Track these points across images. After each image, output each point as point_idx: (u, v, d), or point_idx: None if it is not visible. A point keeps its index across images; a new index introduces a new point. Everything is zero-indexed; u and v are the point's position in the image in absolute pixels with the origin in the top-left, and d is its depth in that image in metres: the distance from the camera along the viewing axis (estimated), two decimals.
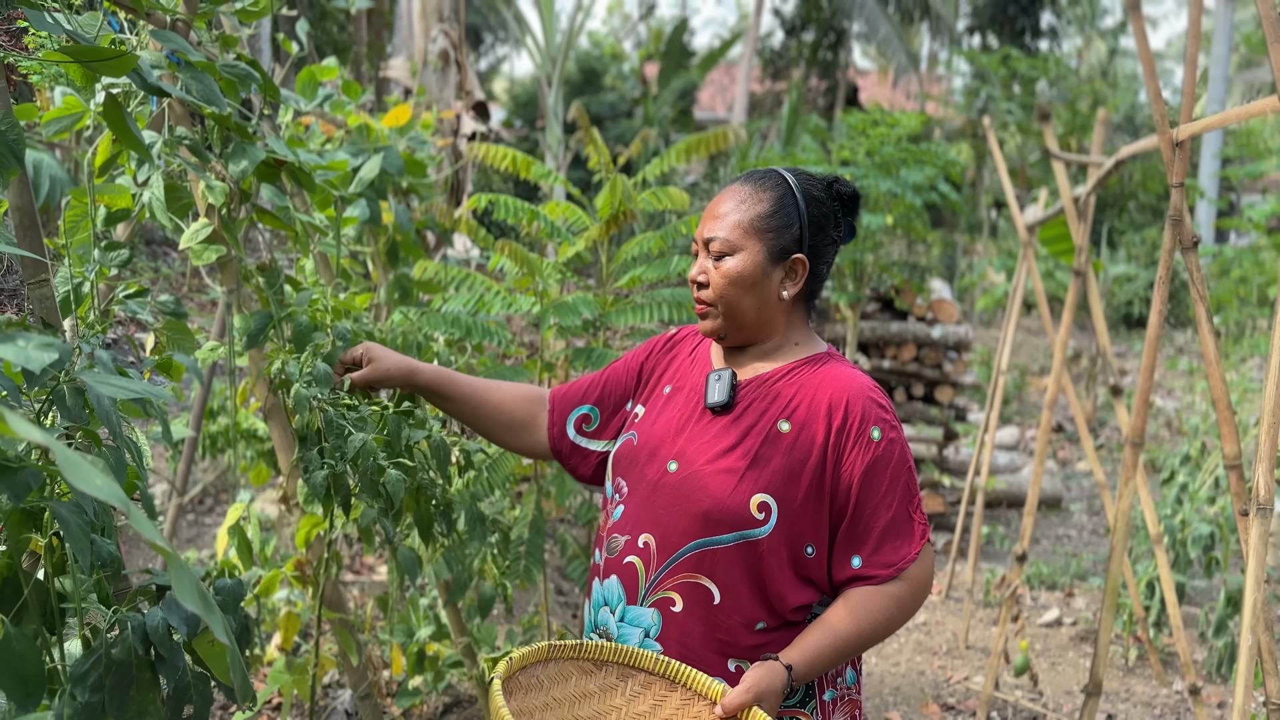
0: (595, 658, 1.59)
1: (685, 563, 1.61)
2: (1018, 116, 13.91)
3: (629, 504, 1.70)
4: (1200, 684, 3.65)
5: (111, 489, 0.93)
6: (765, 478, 1.60)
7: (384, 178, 2.79)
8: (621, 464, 1.75)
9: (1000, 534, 5.68)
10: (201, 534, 4.92)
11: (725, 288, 1.65)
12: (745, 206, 1.66)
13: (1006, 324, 4.55)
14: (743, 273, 1.64)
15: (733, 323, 1.68)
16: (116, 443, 1.48)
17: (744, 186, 1.69)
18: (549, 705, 1.57)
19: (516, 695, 1.55)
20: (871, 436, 1.60)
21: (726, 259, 1.65)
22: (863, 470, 1.59)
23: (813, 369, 1.68)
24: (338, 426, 2.04)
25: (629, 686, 1.59)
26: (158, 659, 1.44)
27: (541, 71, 13.37)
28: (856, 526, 1.60)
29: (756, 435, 1.63)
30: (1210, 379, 2.07)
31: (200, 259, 2.19)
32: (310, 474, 2.03)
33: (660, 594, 1.63)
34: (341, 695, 3.28)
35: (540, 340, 3.14)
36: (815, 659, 1.57)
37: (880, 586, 1.60)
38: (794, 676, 1.55)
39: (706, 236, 1.68)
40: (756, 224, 1.65)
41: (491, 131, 5.15)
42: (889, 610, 1.59)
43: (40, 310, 1.60)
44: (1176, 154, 2.11)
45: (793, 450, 1.61)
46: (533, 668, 1.57)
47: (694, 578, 1.61)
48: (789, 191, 1.67)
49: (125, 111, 1.69)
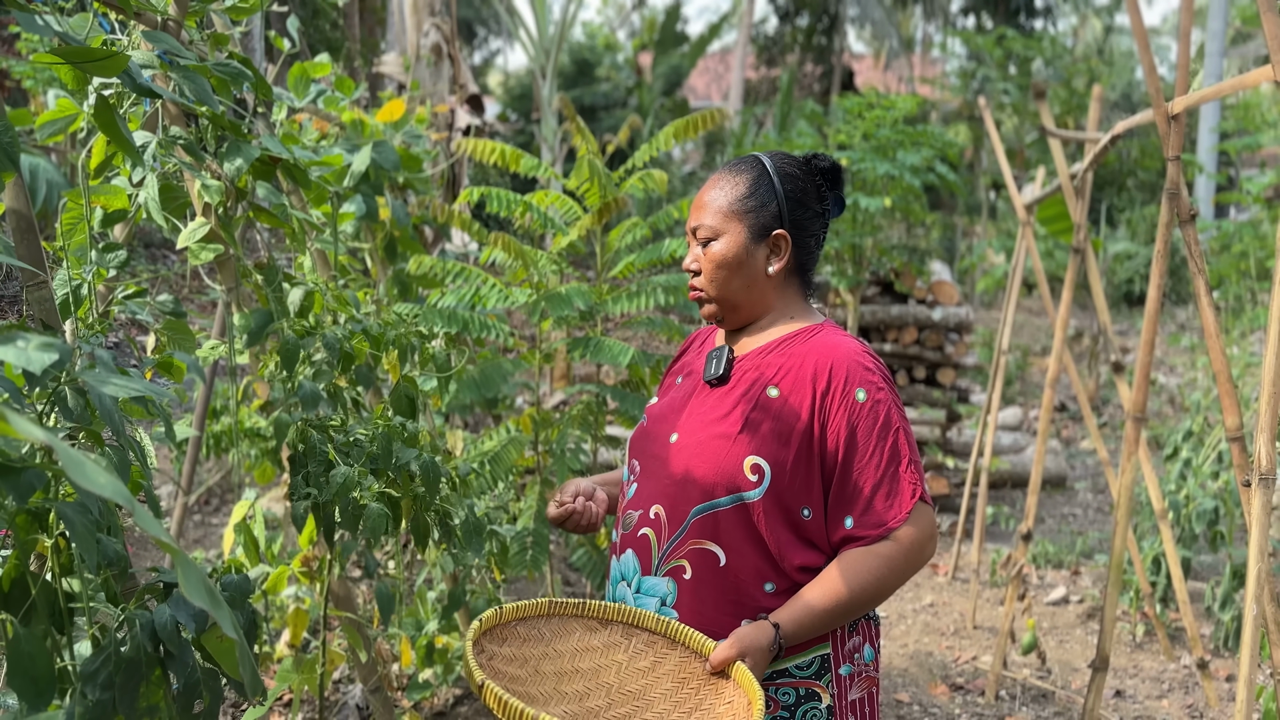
0: (600, 616, 1.65)
1: (692, 529, 1.66)
2: (1014, 97, 13.87)
3: (641, 480, 1.76)
4: (1208, 658, 3.66)
5: (115, 487, 0.93)
6: (756, 441, 1.64)
7: (380, 173, 2.79)
8: (635, 445, 1.82)
9: (1006, 514, 5.68)
10: (208, 534, 4.93)
11: (714, 272, 1.73)
12: (724, 192, 1.74)
13: (1006, 304, 4.55)
14: (727, 255, 1.72)
15: (727, 304, 1.75)
16: (119, 442, 1.49)
17: (723, 174, 1.78)
18: (548, 656, 1.62)
19: (512, 643, 1.59)
20: (856, 398, 1.63)
21: (712, 244, 1.73)
22: (848, 431, 1.62)
23: (805, 339, 1.72)
24: (320, 453, 2.05)
25: (632, 644, 1.63)
26: (167, 656, 1.45)
27: (535, 64, 13.33)
28: (845, 487, 1.63)
29: (748, 401, 1.68)
30: (1210, 352, 2.07)
31: (198, 258, 2.19)
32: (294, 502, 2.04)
33: (672, 563, 1.68)
34: (352, 690, 3.29)
35: (538, 331, 3.14)
36: (804, 618, 1.60)
37: (871, 547, 1.62)
38: (782, 634, 1.59)
39: (693, 225, 1.77)
40: (735, 206, 1.72)
41: (486, 125, 5.14)
42: (879, 571, 1.61)
43: (40, 312, 1.61)
44: (1171, 127, 2.11)
45: (781, 414, 1.65)
46: (534, 620, 1.62)
47: (700, 543, 1.66)
48: (764, 172, 1.75)
49: (117, 113, 1.70)
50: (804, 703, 1.67)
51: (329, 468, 2.06)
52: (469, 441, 3.51)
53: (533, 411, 3.13)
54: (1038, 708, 3.68)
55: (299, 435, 2.08)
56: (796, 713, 1.67)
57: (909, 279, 6.01)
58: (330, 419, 2.17)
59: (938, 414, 6.04)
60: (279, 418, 2.07)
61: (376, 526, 2.06)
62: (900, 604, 4.75)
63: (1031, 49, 14.00)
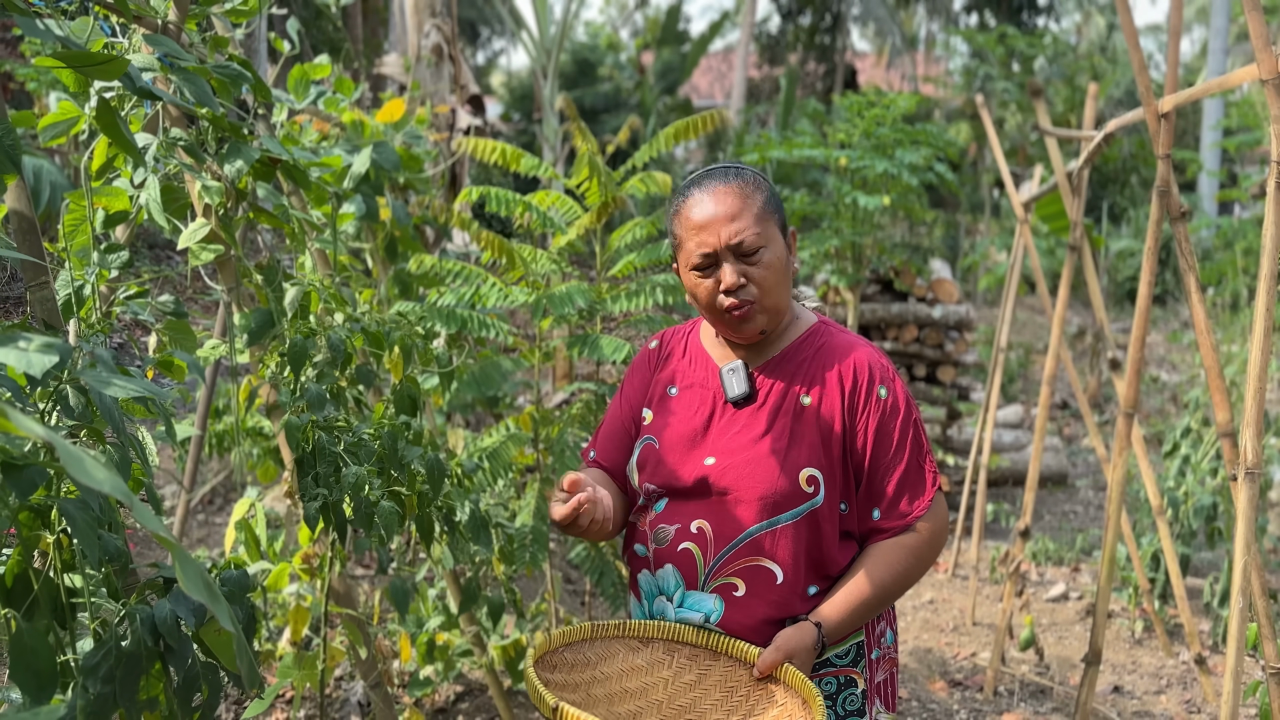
0: (640, 635, 1.67)
1: (745, 548, 1.67)
2: (1016, 95, 13.87)
3: (672, 498, 1.73)
4: (1206, 654, 3.68)
5: (114, 482, 0.95)
6: (805, 452, 1.67)
7: (380, 174, 2.81)
8: (648, 468, 1.76)
9: (1006, 512, 5.70)
10: (211, 533, 4.96)
11: (776, 282, 1.66)
12: (751, 200, 1.67)
13: (1005, 301, 4.56)
14: (779, 260, 1.68)
15: (775, 315, 1.70)
16: (120, 440, 1.51)
17: (731, 185, 1.68)
18: (596, 680, 1.64)
19: (561, 670, 1.62)
20: (879, 395, 1.68)
21: (762, 253, 1.65)
22: (876, 427, 1.68)
23: (817, 341, 1.75)
24: (330, 455, 2.07)
25: (675, 660, 1.66)
26: (167, 650, 1.47)
27: (537, 64, 13.35)
28: (874, 481, 1.69)
29: (785, 415, 1.69)
30: (1201, 347, 2.08)
31: (199, 258, 2.22)
32: (305, 502, 2.07)
33: (722, 579, 1.68)
34: (354, 687, 3.32)
35: (537, 330, 3.16)
36: (843, 614, 1.64)
37: (896, 539, 1.68)
38: (824, 633, 1.63)
39: (733, 242, 1.64)
40: (764, 211, 1.68)
41: (487, 125, 5.17)
42: (906, 561, 1.67)
43: (42, 312, 1.63)
44: (1162, 125, 2.12)
45: (819, 421, 1.68)
46: (578, 645, 1.65)
47: (755, 560, 1.66)
48: (758, 174, 1.74)
49: (118, 115, 1.72)
50: (843, 690, 1.73)
51: (337, 468, 2.09)
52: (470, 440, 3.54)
53: (533, 409, 3.15)
54: (1035, 703, 3.70)
55: (306, 437, 2.10)
56: (838, 700, 1.72)
57: (908, 277, 6.02)
58: (337, 419, 2.20)
59: (938, 412, 6.05)
60: (289, 421, 2.09)
61: (389, 524, 2.08)
62: (900, 600, 4.76)
63: (1034, 47, 14.00)
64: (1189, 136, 16.94)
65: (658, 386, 1.83)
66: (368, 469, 2.09)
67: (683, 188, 1.74)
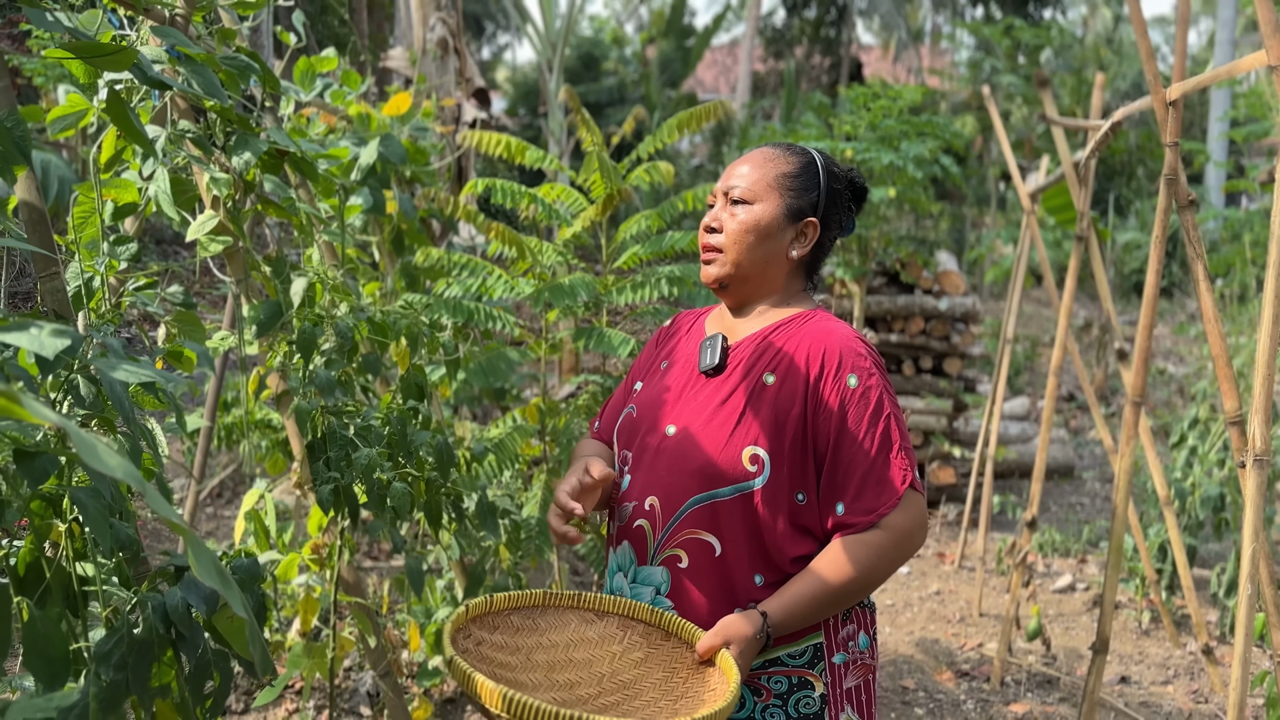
0: (596, 608, 1.66)
1: (688, 519, 1.66)
2: (1022, 88, 13.83)
3: (635, 472, 1.74)
4: (1213, 644, 3.68)
5: (127, 469, 0.96)
6: (754, 431, 1.64)
7: (387, 166, 2.82)
8: (624, 435, 1.79)
9: (1013, 503, 5.69)
10: (221, 526, 4.98)
11: (740, 234, 1.71)
12: (771, 164, 1.74)
13: (1011, 293, 4.56)
14: (759, 222, 1.71)
15: (737, 271, 1.73)
16: (130, 428, 1.52)
17: (772, 149, 1.77)
18: (541, 646, 1.64)
19: (505, 631, 1.62)
20: (848, 384, 1.63)
21: (744, 206, 1.72)
22: (839, 417, 1.62)
23: (799, 324, 1.72)
24: (341, 438, 2.08)
25: (627, 636, 1.65)
26: (178, 637, 1.48)
27: (542, 57, 13.34)
28: (836, 473, 1.63)
29: (744, 391, 1.67)
30: (1209, 336, 2.08)
31: (207, 250, 2.22)
32: (317, 486, 2.08)
33: (667, 551, 1.68)
34: (363, 677, 3.33)
35: (544, 323, 3.17)
36: (793, 607, 1.60)
37: (860, 535, 1.61)
38: (770, 623, 1.59)
39: (728, 186, 1.74)
40: (780, 180, 1.72)
41: (493, 118, 5.17)
42: (869, 560, 1.60)
43: (52, 302, 1.64)
44: (1169, 113, 2.12)
45: (777, 401, 1.65)
46: (529, 610, 1.64)
47: (696, 533, 1.66)
48: (813, 161, 1.76)
49: (128, 106, 1.73)
50: (796, 690, 1.67)
51: (348, 451, 2.10)
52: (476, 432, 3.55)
53: (539, 401, 3.16)
54: (1043, 694, 3.71)
55: (317, 422, 2.11)
56: (789, 701, 1.66)
57: (915, 269, 6.01)
58: (346, 404, 2.21)
59: (944, 404, 6.05)
60: (299, 406, 2.10)
61: (401, 505, 2.09)
62: (907, 592, 4.77)
63: (1040, 39, 13.95)
64: (1195, 129, 16.88)
65: (657, 361, 1.87)
66: (379, 452, 2.10)
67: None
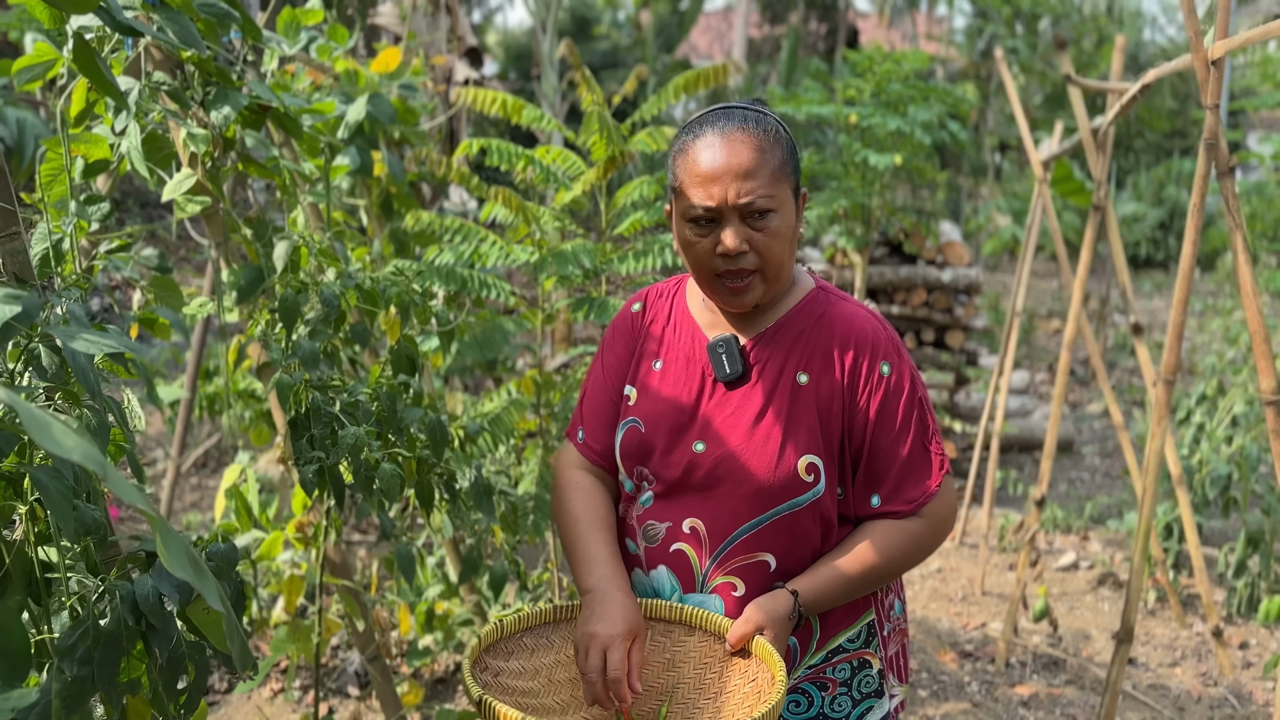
0: None
1: (742, 544, 1.54)
2: (1021, 55, 13.65)
3: (660, 490, 1.59)
4: (1222, 625, 3.60)
5: (85, 449, 0.85)
6: (804, 438, 1.51)
7: (375, 126, 2.67)
8: (634, 454, 1.61)
9: (1013, 478, 5.61)
10: (204, 497, 4.86)
11: (780, 250, 1.49)
12: (769, 157, 1.47)
13: (1021, 265, 4.44)
14: (790, 226, 1.50)
15: (776, 286, 1.54)
16: (96, 402, 1.40)
17: (751, 133, 1.48)
18: (560, 663, 1.56)
19: (520, 656, 1.53)
20: (881, 372, 1.54)
21: (771, 218, 1.47)
22: (878, 407, 1.53)
23: (816, 311, 1.58)
24: (326, 415, 1.95)
25: (649, 636, 1.55)
26: (149, 629, 1.36)
27: (536, 17, 13.09)
28: (874, 464, 1.55)
29: (781, 396, 1.53)
30: (1246, 310, 1.97)
31: (185, 211, 2.09)
32: (300, 466, 1.94)
33: (720, 579, 1.55)
34: (351, 657, 3.23)
35: (539, 291, 3.04)
36: (825, 588, 1.52)
37: (900, 522, 1.55)
38: (801, 603, 1.50)
39: (741, 202, 1.45)
40: (783, 171, 1.49)
41: (485, 79, 5.00)
42: (907, 547, 1.55)
43: (12, 265, 1.51)
44: (1211, 73, 1.99)
45: (817, 401, 1.53)
46: (540, 629, 1.55)
47: (752, 556, 1.54)
48: (779, 125, 1.53)
49: (98, 55, 1.59)
50: (858, 673, 1.62)
51: (333, 430, 1.97)
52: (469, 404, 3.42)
53: (534, 374, 3.04)
54: (1049, 675, 3.63)
55: (301, 397, 1.98)
56: (853, 684, 1.62)
57: (919, 239, 5.89)
58: (331, 378, 2.08)
59: (946, 377, 5.95)
60: (280, 379, 1.97)
61: (390, 487, 1.97)
62: None
63: (1039, 7, 13.76)
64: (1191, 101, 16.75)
65: (642, 360, 1.65)
66: (366, 430, 1.97)
67: (693, 123, 1.52)
